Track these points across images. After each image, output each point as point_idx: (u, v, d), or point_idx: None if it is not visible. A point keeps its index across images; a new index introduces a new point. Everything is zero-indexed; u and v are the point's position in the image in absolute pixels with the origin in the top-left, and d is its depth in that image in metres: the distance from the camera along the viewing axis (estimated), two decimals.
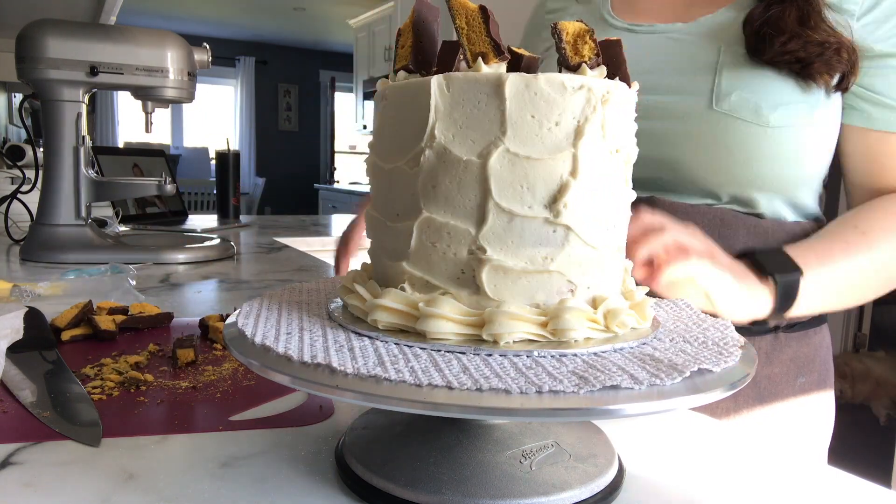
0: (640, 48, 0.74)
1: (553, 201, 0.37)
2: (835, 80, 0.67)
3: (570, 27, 0.38)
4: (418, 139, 0.38)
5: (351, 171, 7.37)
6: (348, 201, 5.29)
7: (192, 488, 0.38)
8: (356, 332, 0.39)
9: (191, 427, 0.47)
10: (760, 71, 0.68)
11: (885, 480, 2.18)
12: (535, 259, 0.37)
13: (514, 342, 0.36)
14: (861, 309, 3.75)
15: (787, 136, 0.67)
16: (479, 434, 0.40)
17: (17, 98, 3.14)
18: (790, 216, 0.74)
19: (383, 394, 0.31)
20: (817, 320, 0.78)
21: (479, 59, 0.37)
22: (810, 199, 0.75)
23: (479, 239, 0.37)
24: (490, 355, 0.35)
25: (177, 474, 0.40)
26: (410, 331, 0.38)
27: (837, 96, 0.70)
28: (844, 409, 3.30)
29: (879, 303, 3.75)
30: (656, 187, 0.73)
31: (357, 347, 0.36)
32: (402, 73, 0.41)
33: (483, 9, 0.38)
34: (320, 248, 1.70)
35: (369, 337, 0.38)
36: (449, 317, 0.36)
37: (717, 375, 0.34)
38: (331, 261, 1.32)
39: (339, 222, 2.21)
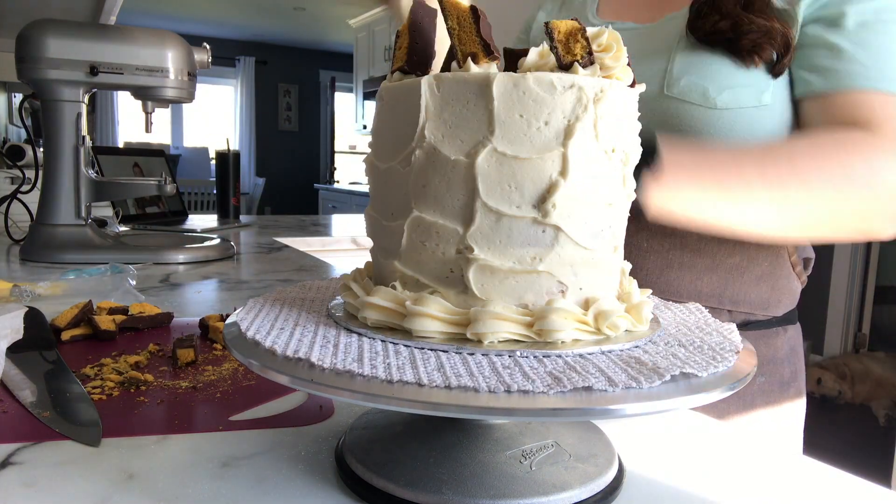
0: None
1: (541, 201, 0.36)
2: (768, 63, 0.69)
3: (562, 26, 0.38)
4: (410, 139, 0.38)
5: (351, 171, 7.36)
6: (348, 201, 5.29)
7: (192, 488, 0.38)
8: (348, 330, 0.39)
9: (191, 427, 0.47)
10: (707, 56, 0.70)
11: (884, 480, 2.19)
12: (524, 259, 0.37)
13: (500, 342, 0.36)
14: (861, 309, 3.76)
15: (735, 118, 0.69)
16: (479, 434, 0.40)
17: (17, 98, 3.14)
18: None
19: (383, 394, 0.31)
20: (779, 321, 0.78)
21: (469, 59, 0.38)
22: None
23: (467, 238, 0.37)
24: (472, 354, 0.35)
25: (177, 474, 0.40)
26: (399, 328, 0.38)
27: (786, 83, 0.71)
28: (844, 409, 3.30)
29: (880, 303, 3.76)
30: None
31: (343, 344, 0.36)
32: (397, 75, 0.41)
33: (474, 9, 0.38)
34: (320, 248, 1.70)
35: (358, 334, 0.38)
36: (435, 315, 0.36)
37: (716, 376, 0.34)
38: (331, 261, 1.32)
39: (339, 222, 2.21)
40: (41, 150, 1.19)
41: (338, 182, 7.03)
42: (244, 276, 1.12)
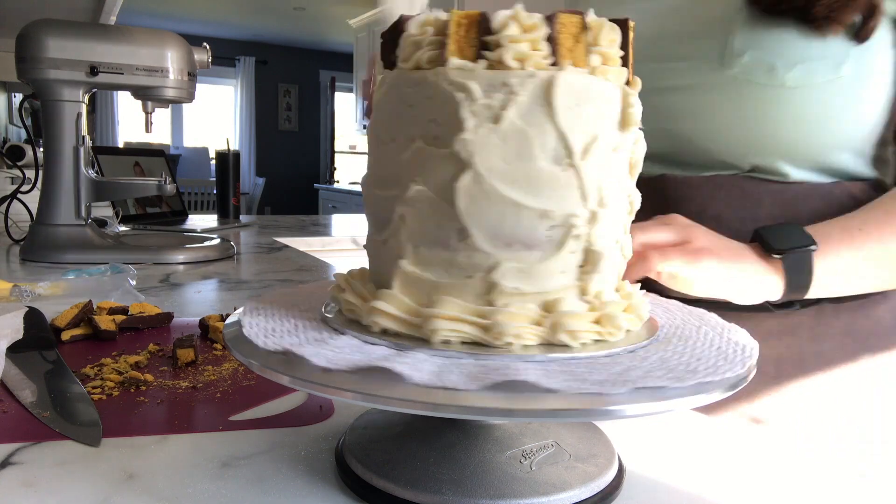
0: (647, 14, 0.69)
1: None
2: (849, 28, 0.60)
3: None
4: None
5: (351, 171, 7.36)
6: (348, 201, 5.29)
7: (192, 488, 0.38)
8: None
9: (191, 427, 0.47)
10: (774, 27, 0.61)
11: None
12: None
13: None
14: None
15: (808, 96, 0.61)
16: (479, 434, 0.40)
17: (17, 98, 3.14)
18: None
19: (383, 394, 0.31)
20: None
21: None
22: (858, 162, 0.67)
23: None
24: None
25: (177, 474, 0.40)
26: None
27: (882, 45, 0.62)
28: None
29: None
30: (671, 162, 0.69)
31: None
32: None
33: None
34: (320, 248, 1.70)
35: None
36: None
37: (720, 374, 0.34)
38: (331, 260, 1.32)
39: (339, 222, 2.21)
40: (41, 150, 1.19)
41: (338, 182, 7.03)
42: (244, 276, 1.12)
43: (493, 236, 0.36)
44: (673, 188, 0.69)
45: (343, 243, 1.78)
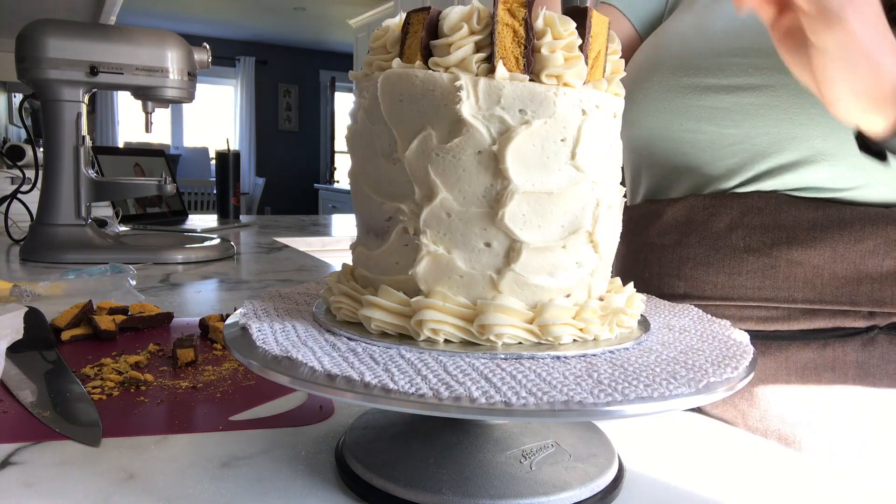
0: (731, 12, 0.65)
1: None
2: None
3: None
4: None
5: None
6: (348, 201, 5.28)
7: (192, 488, 0.38)
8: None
9: (191, 427, 0.47)
10: None
11: None
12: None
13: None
14: None
15: None
16: (479, 434, 0.40)
17: (17, 98, 3.14)
18: None
19: (383, 394, 0.31)
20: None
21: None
22: None
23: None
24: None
25: (177, 474, 0.40)
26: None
27: None
28: None
29: None
30: (729, 171, 0.64)
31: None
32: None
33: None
34: (320, 248, 1.70)
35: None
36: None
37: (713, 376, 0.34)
38: (331, 260, 1.32)
39: (339, 222, 2.21)
40: (41, 150, 1.19)
41: (338, 182, 7.02)
42: (244, 276, 1.12)
43: (367, 228, 0.41)
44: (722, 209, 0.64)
45: (343, 243, 1.78)
